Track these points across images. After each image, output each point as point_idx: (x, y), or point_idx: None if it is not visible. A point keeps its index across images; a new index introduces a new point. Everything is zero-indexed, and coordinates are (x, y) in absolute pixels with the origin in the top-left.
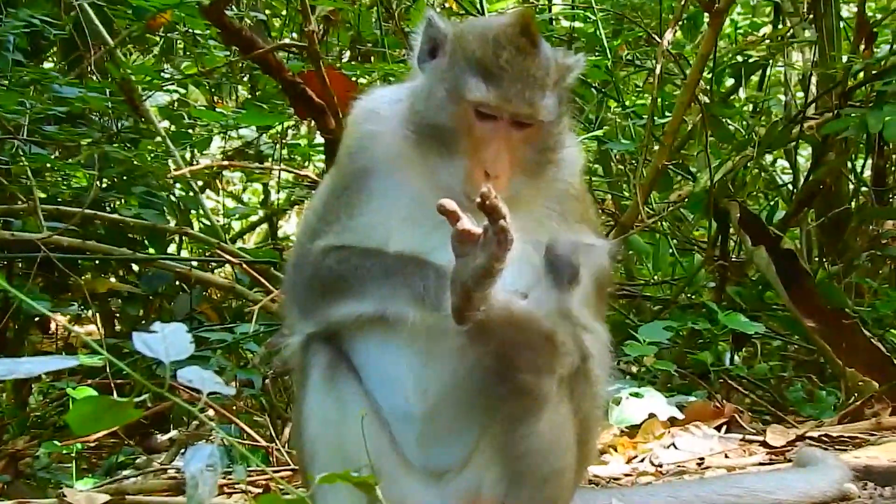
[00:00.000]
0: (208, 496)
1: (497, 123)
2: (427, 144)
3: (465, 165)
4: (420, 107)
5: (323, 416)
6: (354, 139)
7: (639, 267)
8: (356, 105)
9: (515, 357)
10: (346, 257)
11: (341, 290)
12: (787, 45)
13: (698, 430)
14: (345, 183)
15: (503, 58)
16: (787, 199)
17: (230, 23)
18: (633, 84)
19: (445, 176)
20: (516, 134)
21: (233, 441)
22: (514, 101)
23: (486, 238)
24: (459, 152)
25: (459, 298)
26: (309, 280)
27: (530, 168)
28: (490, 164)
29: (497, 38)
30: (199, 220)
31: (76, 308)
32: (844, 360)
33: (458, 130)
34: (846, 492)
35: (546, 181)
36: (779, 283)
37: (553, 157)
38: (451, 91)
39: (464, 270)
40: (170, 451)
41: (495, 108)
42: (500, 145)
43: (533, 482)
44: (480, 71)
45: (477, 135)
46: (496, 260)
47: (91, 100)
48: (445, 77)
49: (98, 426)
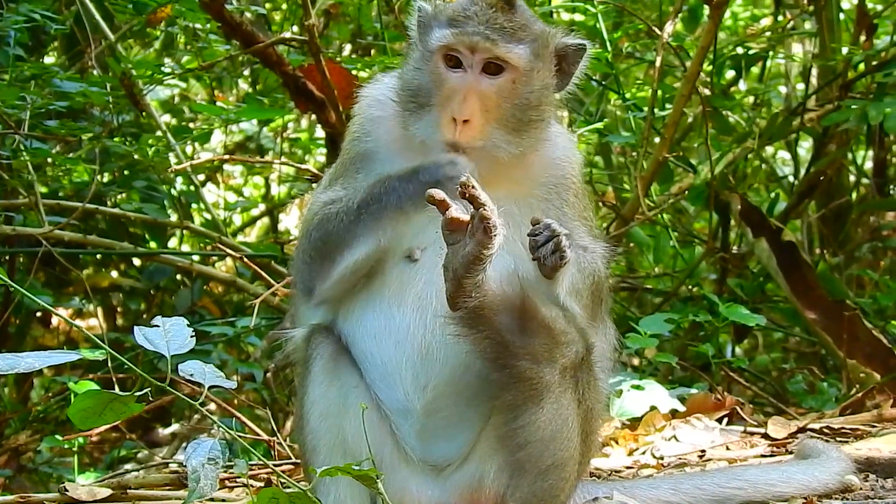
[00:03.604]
0: (210, 490)
1: (466, 71)
2: (410, 108)
3: (437, 114)
4: (402, 75)
5: (324, 408)
6: (359, 125)
7: (640, 259)
8: (362, 92)
9: (511, 343)
10: (329, 217)
11: (334, 248)
12: (788, 36)
13: (700, 422)
14: (347, 166)
15: (472, 9)
16: (788, 190)
17: (230, 17)
18: (634, 76)
19: (421, 129)
20: (487, 81)
21: (234, 435)
22: (476, 41)
23: (474, 225)
24: (433, 105)
25: (451, 285)
26: (308, 254)
27: (510, 123)
28: (457, 108)
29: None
30: (200, 214)
31: (78, 302)
32: (845, 352)
33: (431, 84)
34: (848, 483)
35: (530, 141)
36: (780, 275)
37: (534, 116)
38: (423, 48)
39: (454, 258)
40: (171, 445)
41: (458, 49)
42: (467, 91)
43: (534, 473)
44: (448, 21)
45: (447, 85)
46: (484, 247)
47: (92, 94)
48: (421, 40)
49: (100, 420)
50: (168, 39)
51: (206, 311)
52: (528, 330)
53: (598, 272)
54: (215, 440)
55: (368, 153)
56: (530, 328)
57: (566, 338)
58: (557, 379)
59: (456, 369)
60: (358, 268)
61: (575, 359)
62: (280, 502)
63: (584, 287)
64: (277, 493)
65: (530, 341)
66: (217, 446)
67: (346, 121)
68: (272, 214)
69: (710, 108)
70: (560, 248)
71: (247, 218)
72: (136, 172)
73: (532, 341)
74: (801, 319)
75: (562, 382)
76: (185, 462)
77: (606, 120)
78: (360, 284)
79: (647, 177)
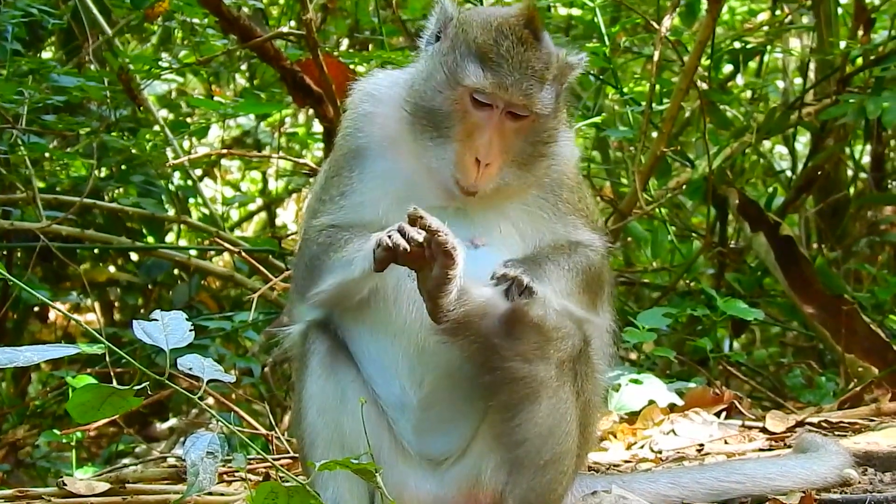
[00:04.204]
0: (208, 484)
1: (492, 112)
2: (421, 126)
3: (456, 150)
4: (418, 88)
5: (322, 403)
6: (351, 120)
7: (637, 254)
8: (355, 87)
9: (500, 346)
10: (337, 230)
11: (333, 260)
12: (786, 31)
13: (698, 416)
14: (341, 163)
15: (504, 46)
16: (786, 185)
17: (228, 11)
18: (632, 71)
19: (436, 159)
20: (510, 124)
21: (232, 429)
22: (510, 91)
23: (433, 251)
24: (451, 137)
25: (429, 304)
26: (307, 258)
27: (522, 160)
28: (482, 152)
29: (500, 28)
30: (197, 208)
31: (75, 297)
32: (843, 346)
33: (452, 115)
34: (846, 477)
35: (537, 175)
36: (778, 270)
37: (546, 152)
38: (450, 75)
39: (425, 281)
40: (170, 440)
41: (491, 96)
42: (492, 134)
43: (533, 468)
44: (480, 57)
45: (471, 121)
46: (448, 268)
47: (89, 89)
48: (445, 60)
49: (98, 415)
50: (165, 34)
51: (204, 306)
52: (516, 332)
53: (592, 265)
54: (214, 434)
55: (361, 149)
56: (518, 330)
57: (559, 333)
58: (554, 374)
59: (452, 364)
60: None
61: (572, 352)
62: (278, 496)
63: (575, 285)
64: (276, 488)
65: (519, 343)
66: (215, 440)
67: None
68: (270, 209)
69: (708, 103)
70: (525, 287)
71: (244, 212)
72: (134, 167)
73: (521, 342)
74: (799, 314)
75: (559, 376)
76: (184, 456)
77: (604, 114)
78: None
79: (645, 171)
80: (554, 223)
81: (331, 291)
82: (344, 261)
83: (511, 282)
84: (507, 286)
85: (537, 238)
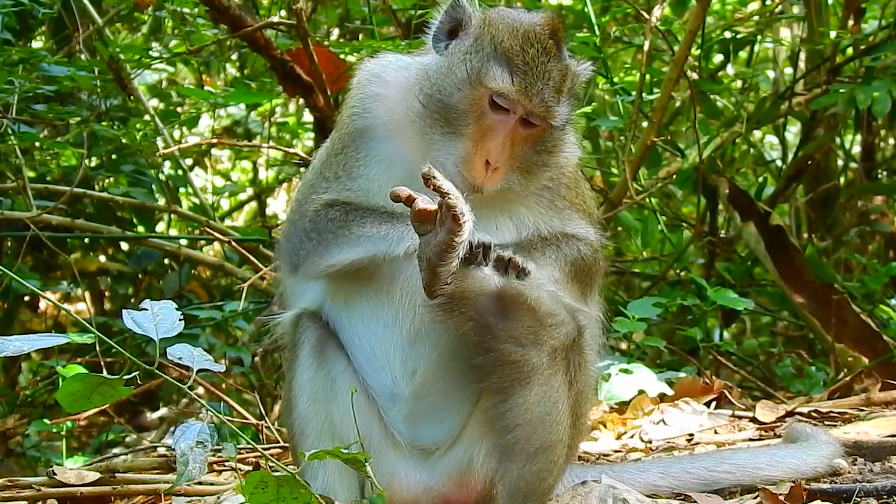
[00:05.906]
0: (198, 473)
1: (509, 117)
2: (433, 119)
3: (467, 149)
4: (435, 81)
5: (312, 393)
6: (358, 100)
7: (628, 243)
8: (362, 67)
9: (494, 326)
10: (349, 209)
11: (340, 238)
12: (776, 20)
13: (688, 406)
14: (346, 141)
15: (530, 54)
16: (776, 174)
17: (218, 1)
18: (622, 61)
19: (443, 154)
20: (522, 131)
21: (222, 419)
22: (533, 100)
23: (442, 214)
24: (463, 135)
25: (426, 274)
26: (306, 231)
27: (527, 167)
28: (493, 154)
29: (527, 35)
30: (187, 198)
31: (65, 287)
32: (833, 336)
33: (468, 114)
34: (836, 467)
35: (539, 182)
36: (768, 259)
37: (550, 161)
38: (472, 74)
39: (427, 248)
40: (160, 429)
41: (512, 102)
42: (505, 139)
43: (523, 456)
44: (506, 61)
45: (486, 123)
46: (454, 234)
47: (80, 78)
48: (468, 59)
49: (88, 404)
50: (156, 24)
51: (194, 296)
52: (511, 312)
53: (584, 257)
54: (203, 424)
55: (367, 130)
56: (512, 311)
57: (553, 320)
58: (546, 361)
59: (444, 354)
60: (350, 265)
61: (565, 340)
62: (268, 486)
63: (564, 275)
64: (266, 477)
65: (513, 324)
66: (205, 430)
67: (333, 105)
68: (260, 199)
69: (698, 93)
70: (521, 268)
71: (234, 202)
72: (124, 157)
73: (515, 324)
74: (788, 303)
75: (551, 364)
76: (174, 446)
77: (594, 104)
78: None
79: (635, 161)
80: (550, 217)
81: (347, 266)
82: (367, 237)
83: (507, 262)
84: (503, 266)
85: (533, 231)
